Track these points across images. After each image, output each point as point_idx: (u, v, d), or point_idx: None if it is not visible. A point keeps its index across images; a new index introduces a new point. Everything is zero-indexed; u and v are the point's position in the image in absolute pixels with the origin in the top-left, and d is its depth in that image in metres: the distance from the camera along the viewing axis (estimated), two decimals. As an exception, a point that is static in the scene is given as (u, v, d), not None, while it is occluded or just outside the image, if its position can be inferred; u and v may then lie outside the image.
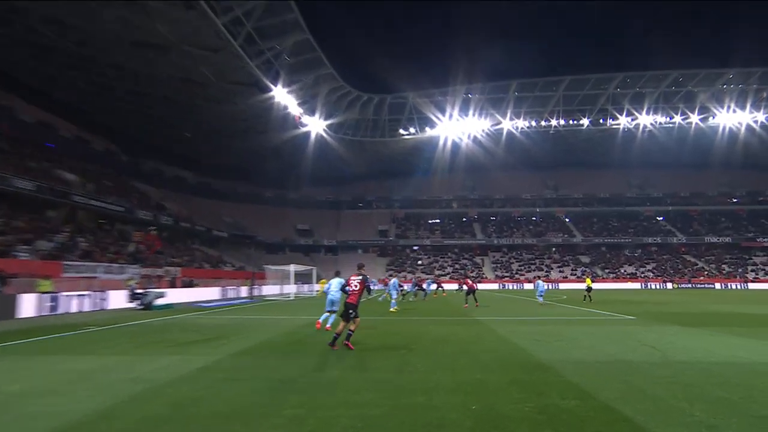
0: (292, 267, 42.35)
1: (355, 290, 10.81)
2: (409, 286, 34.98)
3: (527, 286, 63.07)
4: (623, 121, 75.29)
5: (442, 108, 73.46)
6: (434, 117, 74.52)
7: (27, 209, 37.62)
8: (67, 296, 25.21)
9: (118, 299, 28.63)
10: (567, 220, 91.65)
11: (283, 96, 55.84)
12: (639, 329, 14.36)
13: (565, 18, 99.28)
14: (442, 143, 77.97)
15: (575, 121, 75.90)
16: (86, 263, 33.24)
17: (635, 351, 10.68)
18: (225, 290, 42.08)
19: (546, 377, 8.64)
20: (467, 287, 25.75)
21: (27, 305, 22.86)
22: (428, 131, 76.38)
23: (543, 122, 75.83)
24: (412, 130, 76.30)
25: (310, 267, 50.52)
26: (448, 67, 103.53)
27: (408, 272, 77.28)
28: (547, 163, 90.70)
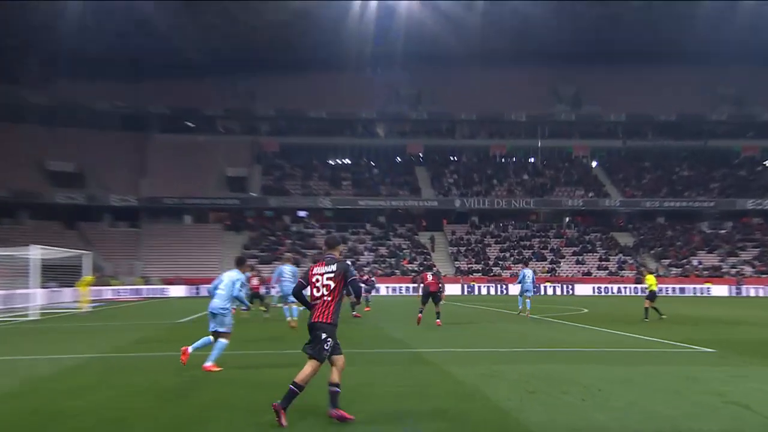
0: (36, 251, 31.63)
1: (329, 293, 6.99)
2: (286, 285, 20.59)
3: (515, 289, 39.64)
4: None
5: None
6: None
7: None
8: None
9: None
10: (594, 165, 77.10)
11: None
12: (721, 373, 10.77)
13: None
14: (359, 9, 65.34)
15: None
16: None
17: (715, 414, 7.69)
18: None
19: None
20: (424, 285, 20.53)
21: None
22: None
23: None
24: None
25: (79, 251, 39.00)
26: None
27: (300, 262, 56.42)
28: (561, 54, 72.65)
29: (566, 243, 63.86)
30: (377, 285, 35.00)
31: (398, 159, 76.57)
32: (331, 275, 6.77)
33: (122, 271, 51.91)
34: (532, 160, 76.83)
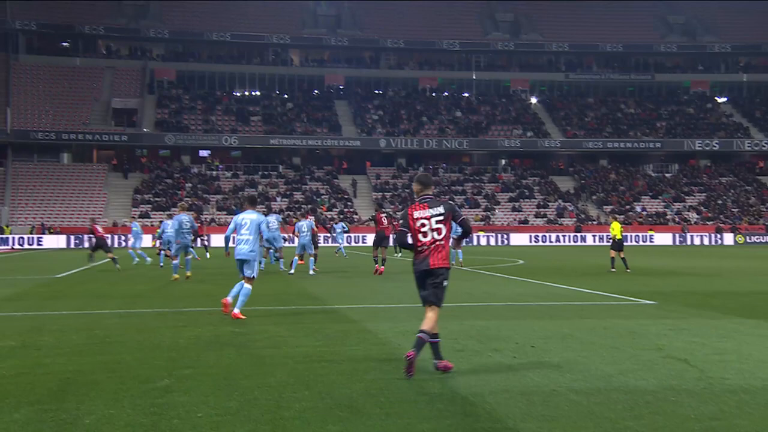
0: None
1: None
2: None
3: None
4: None
5: None
6: None
7: None
8: None
9: None
10: (534, 101, 76.21)
11: None
12: (661, 326, 10.94)
13: None
14: None
15: None
16: None
17: (652, 369, 7.86)
18: None
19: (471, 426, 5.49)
20: (379, 229, 21.13)
21: None
22: None
23: None
24: None
25: None
26: None
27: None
28: (498, -25, 78.29)
29: (502, 188, 63.25)
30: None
31: (315, 92, 74.08)
32: (441, 218, 7.07)
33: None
34: (466, 95, 74.79)
